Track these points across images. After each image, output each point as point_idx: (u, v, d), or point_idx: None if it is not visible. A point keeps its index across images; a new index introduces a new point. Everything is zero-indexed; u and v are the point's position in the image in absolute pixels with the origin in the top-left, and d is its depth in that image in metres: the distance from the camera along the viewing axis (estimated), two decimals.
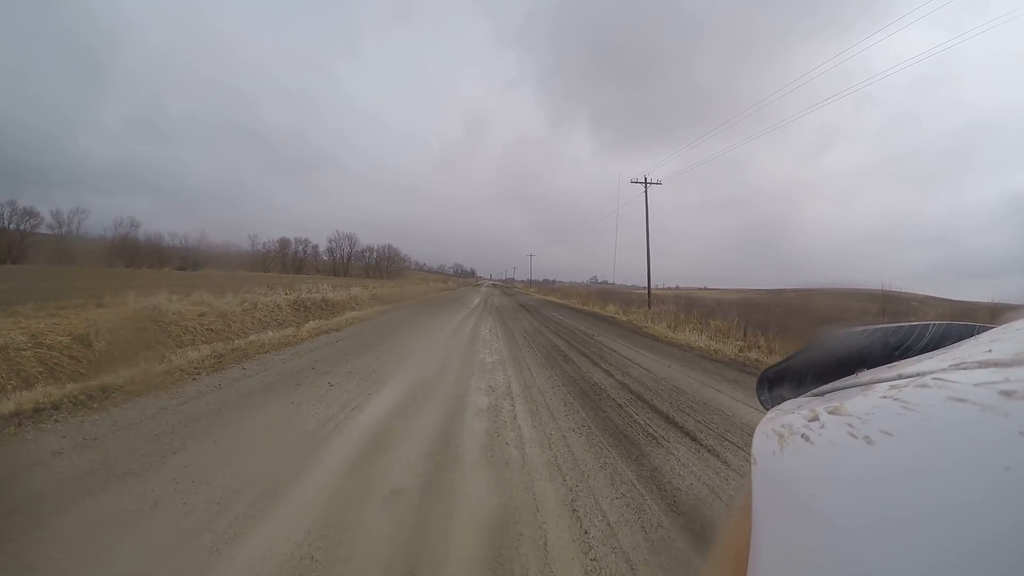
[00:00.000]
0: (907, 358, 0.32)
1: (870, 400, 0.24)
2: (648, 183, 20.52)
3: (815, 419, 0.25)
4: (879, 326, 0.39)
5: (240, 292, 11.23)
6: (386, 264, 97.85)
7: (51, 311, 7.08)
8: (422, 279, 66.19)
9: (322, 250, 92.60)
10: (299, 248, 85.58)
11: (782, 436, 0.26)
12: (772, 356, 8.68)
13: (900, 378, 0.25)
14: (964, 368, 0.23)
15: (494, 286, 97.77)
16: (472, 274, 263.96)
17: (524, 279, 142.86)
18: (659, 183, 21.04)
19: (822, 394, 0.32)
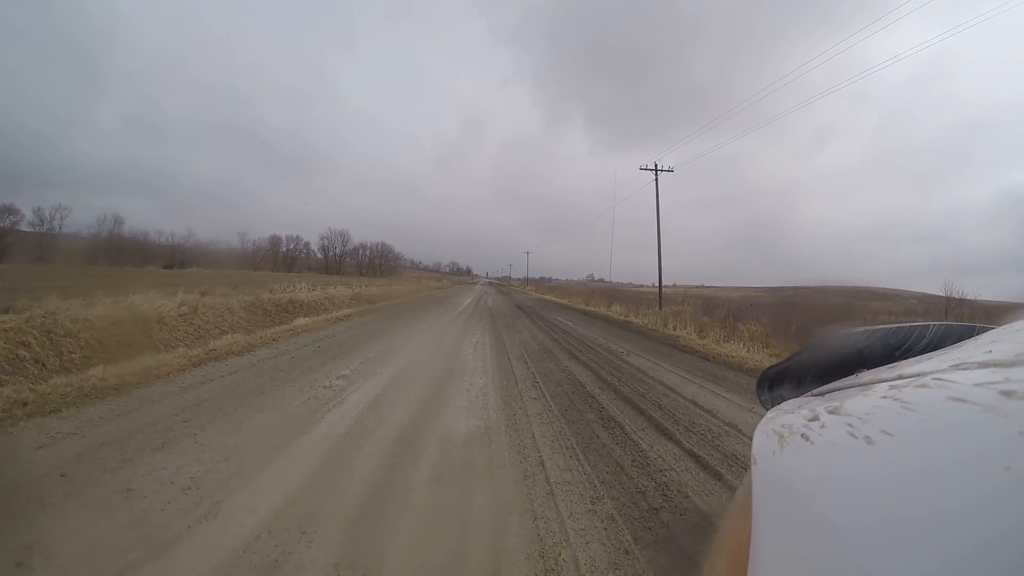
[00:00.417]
0: (907, 358, 0.33)
1: (870, 400, 0.24)
2: (659, 170, 18.48)
3: (815, 419, 0.26)
4: (879, 326, 0.40)
5: (197, 291, 9.49)
6: (379, 262, 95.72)
7: None
8: (415, 277, 64.41)
9: (315, 248, 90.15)
10: (290, 246, 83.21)
11: (782, 436, 0.26)
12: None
13: (900, 378, 0.26)
14: (964, 368, 0.23)
15: (490, 284, 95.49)
16: (468, 272, 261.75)
17: (520, 277, 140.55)
18: (671, 170, 18.59)
19: (822, 394, 0.33)
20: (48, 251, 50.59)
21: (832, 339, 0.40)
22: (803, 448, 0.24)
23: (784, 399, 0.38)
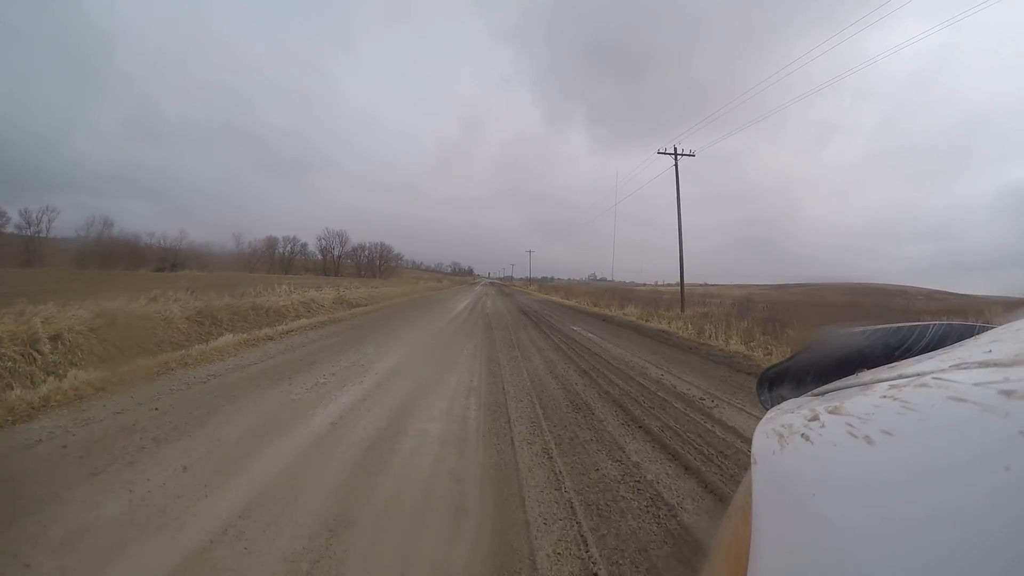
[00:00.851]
0: (907, 358, 0.33)
1: (870, 400, 0.24)
2: (679, 154, 16.00)
3: (815, 419, 0.26)
4: (879, 326, 0.40)
5: (148, 295, 7.81)
6: (379, 263, 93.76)
7: None
8: (414, 278, 62.60)
9: (312, 249, 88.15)
10: (287, 247, 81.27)
11: (782, 436, 0.26)
12: None
13: (900, 378, 0.26)
14: (964, 368, 0.23)
15: (491, 284, 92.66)
16: (470, 272, 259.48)
17: (522, 277, 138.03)
18: (692, 154, 16.40)
19: (822, 394, 0.33)
20: (36, 255, 49.01)
21: (832, 339, 0.40)
22: (803, 448, 0.24)
23: (784, 399, 0.38)
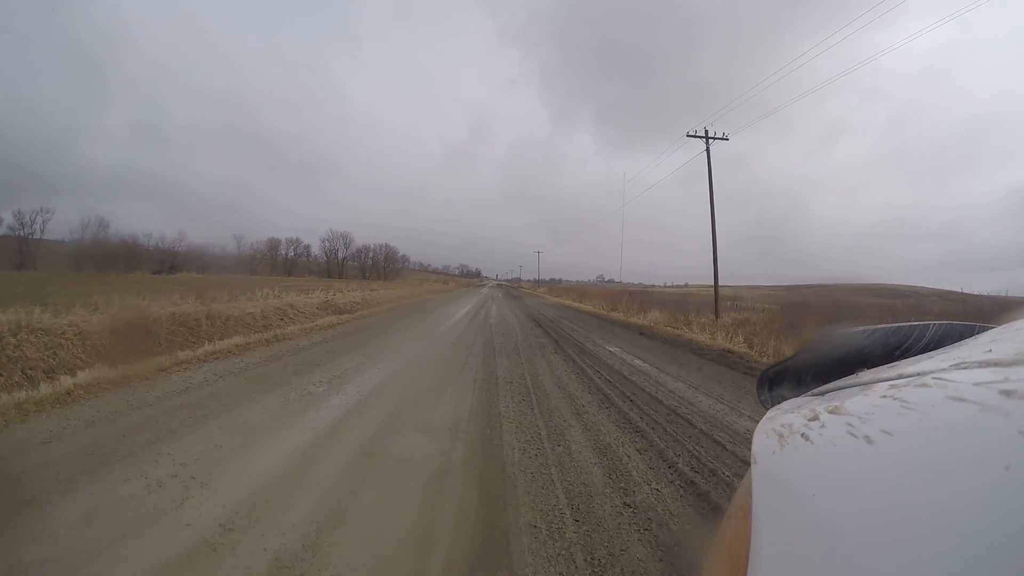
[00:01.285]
0: (907, 358, 0.33)
1: (870, 400, 0.24)
2: (711, 137, 13.89)
3: (815, 418, 0.26)
4: (879, 326, 0.39)
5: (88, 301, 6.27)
6: (384, 265, 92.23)
7: None
8: (419, 280, 61.12)
9: (315, 251, 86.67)
10: (290, 249, 79.97)
11: (782, 435, 0.26)
12: None
13: (900, 378, 0.26)
14: (964, 368, 0.23)
15: (498, 287, 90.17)
16: (478, 274, 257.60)
17: (530, 278, 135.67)
18: (725, 138, 14.14)
19: (822, 394, 0.33)
20: (29, 257, 47.74)
21: (832, 339, 0.40)
22: (803, 448, 0.24)
23: (784, 399, 0.38)
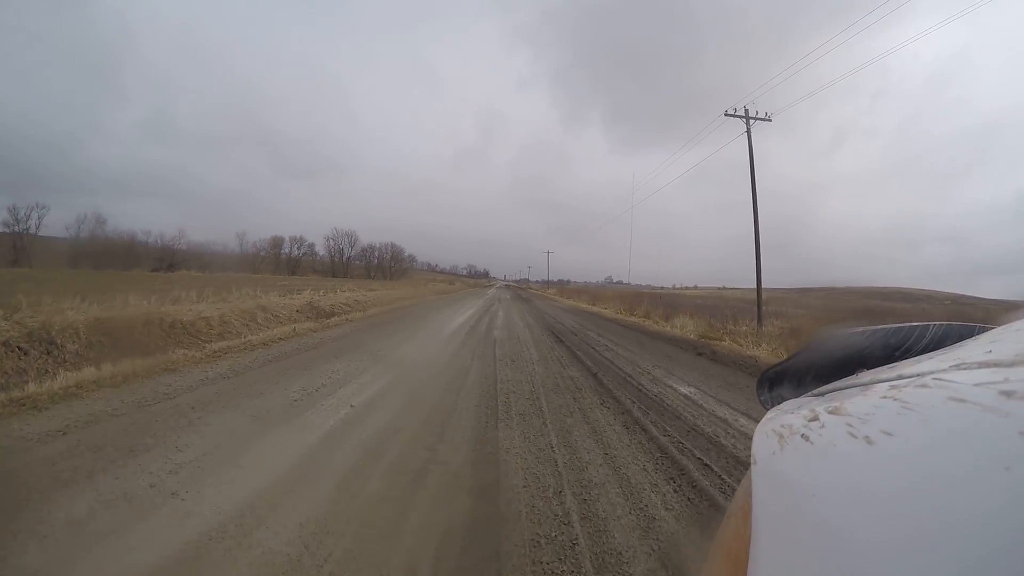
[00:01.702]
0: (907, 358, 0.32)
1: (870, 400, 0.24)
2: (752, 117, 11.99)
3: (815, 419, 0.25)
4: (879, 326, 0.40)
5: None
6: (390, 264, 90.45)
7: None
8: (424, 280, 59.48)
9: (320, 249, 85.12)
10: (293, 247, 78.50)
11: (782, 436, 0.26)
12: None
13: (900, 378, 0.26)
14: (964, 368, 0.23)
15: (506, 287, 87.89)
16: (486, 274, 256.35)
17: (539, 279, 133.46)
18: (768, 119, 12.27)
19: (822, 394, 0.33)
20: (24, 253, 46.33)
21: (832, 339, 0.40)
22: (803, 448, 0.24)
23: (784, 399, 0.38)
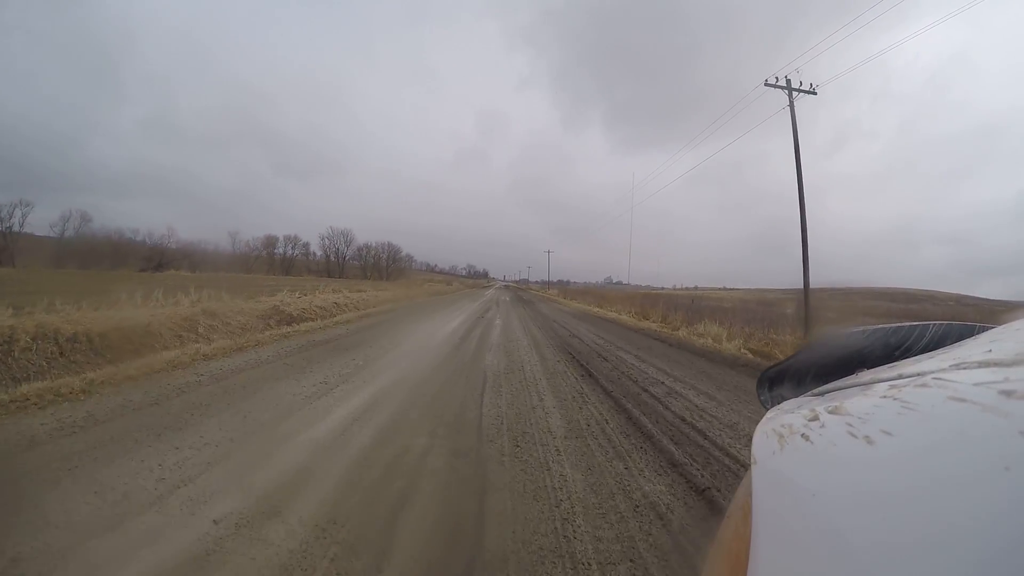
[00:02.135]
0: (907, 358, 0.32)
1: (870, 400, 0.24)
2: (795, 89, 10.71)
3: (815, 419, 0.26)
4: (879, 326, 0.40)
5: None
6: (387, 264, 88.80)
7: None
8: (421, 280, 57.98)
9: (315, 249, 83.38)
10: (288, 247, 76.89)
11: (782, 436, 0.26)
12: None
13: (900, 378, 0.26)
14: (964, 368, 0.23)
15: (506, 288, 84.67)
16: (485, 275, 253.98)
17: (538, 279, 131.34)
18: (813, 92, 10.96)
19: (822, 394, 0.33)
20: (6, 252, 44.47)
21: (832, 339, 0.40)
22: (803, 448, 0.24)
23: (784, 399, 0.38)
